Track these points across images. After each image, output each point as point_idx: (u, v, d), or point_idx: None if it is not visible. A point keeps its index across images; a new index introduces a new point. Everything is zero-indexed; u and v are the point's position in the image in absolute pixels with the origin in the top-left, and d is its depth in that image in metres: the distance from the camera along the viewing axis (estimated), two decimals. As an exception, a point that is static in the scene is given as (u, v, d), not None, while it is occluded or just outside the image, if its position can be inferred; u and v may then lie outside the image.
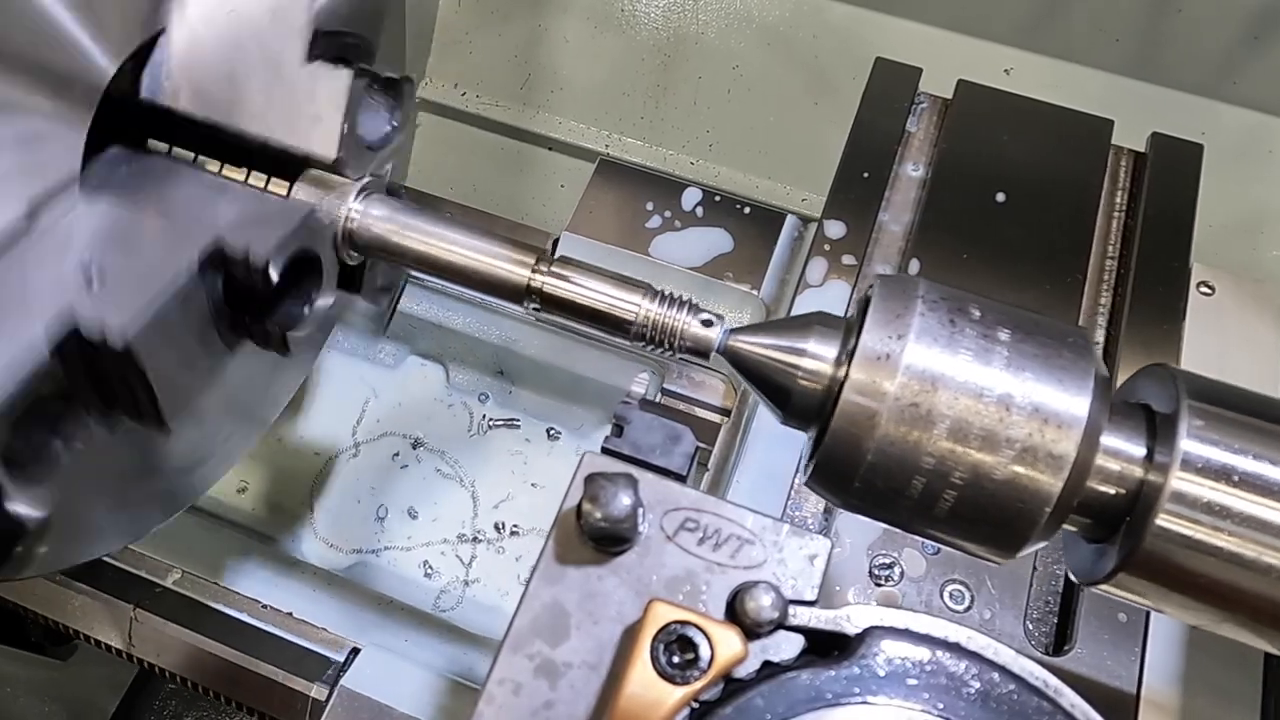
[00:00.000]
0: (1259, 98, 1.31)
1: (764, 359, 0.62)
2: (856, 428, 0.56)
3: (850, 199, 1.04)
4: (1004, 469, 0.55)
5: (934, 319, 0.57)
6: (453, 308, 1.32)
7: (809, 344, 0.60)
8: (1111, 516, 0.58)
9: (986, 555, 0.60)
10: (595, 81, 1.45)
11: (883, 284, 0.60)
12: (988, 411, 0.55)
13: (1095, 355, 0.58)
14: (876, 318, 0.58)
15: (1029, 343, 0.57)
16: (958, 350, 0.56)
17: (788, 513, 0.85)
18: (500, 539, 1.30)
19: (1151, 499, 0.56)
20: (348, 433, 1.35)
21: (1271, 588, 0.55)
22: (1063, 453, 0.55)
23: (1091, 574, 0.61)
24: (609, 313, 0.68)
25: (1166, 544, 0.56)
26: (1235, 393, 0.59)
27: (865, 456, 0.57)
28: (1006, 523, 0.57)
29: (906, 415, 0.56)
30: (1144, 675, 0.78)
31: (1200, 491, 0.55)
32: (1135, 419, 0.59)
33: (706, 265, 1.17)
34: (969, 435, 0.55)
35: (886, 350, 0.57)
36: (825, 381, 0.59)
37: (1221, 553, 0.55)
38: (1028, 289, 0.96)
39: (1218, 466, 0.55)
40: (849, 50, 1.39)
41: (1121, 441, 0.58)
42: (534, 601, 0.55)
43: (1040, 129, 1.06)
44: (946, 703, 0.51)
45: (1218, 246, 1.04)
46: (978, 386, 0.56)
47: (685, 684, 0.51)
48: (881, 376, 0.56)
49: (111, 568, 1.08)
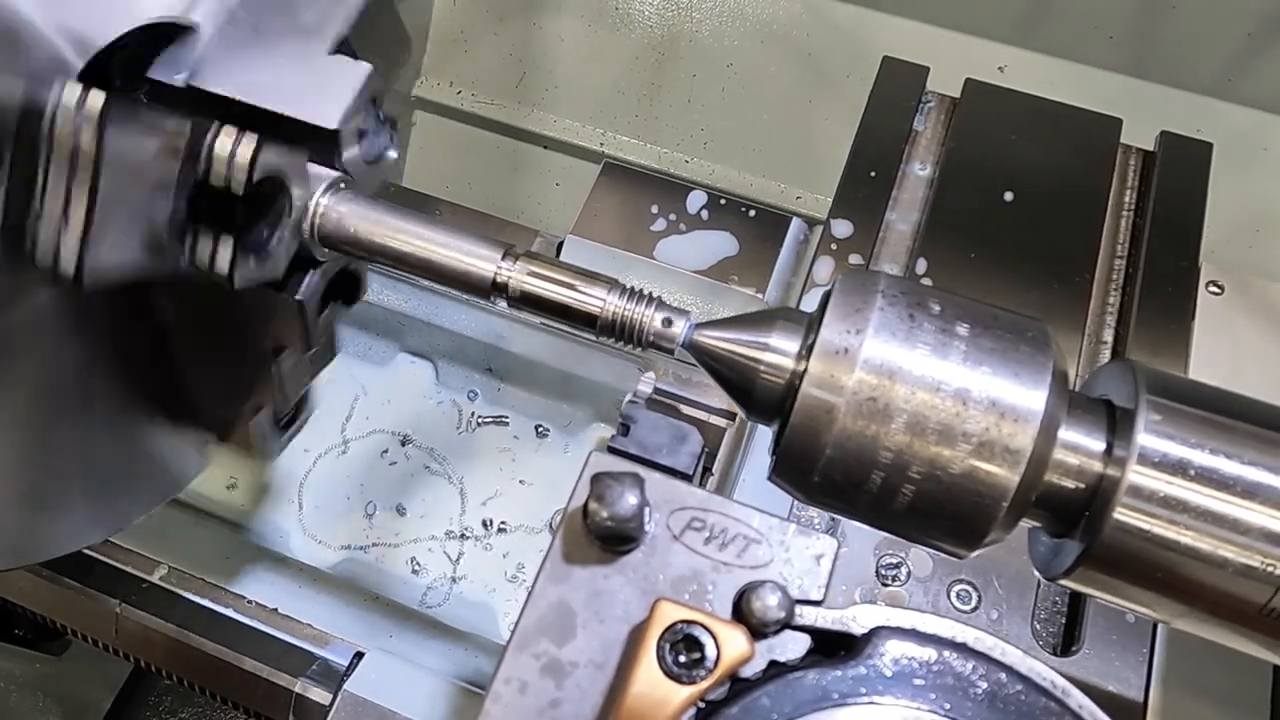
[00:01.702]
0: (1257, 96, 1.33)
1: (727, 353, 0.61)
2: (815, 422, 0.56)
3: (857, 198, 1.04)
4: (961, 463, 0.55)
5: (893, 313, 0.57)
6: (441, 305, 1.32)
7: (771, 338, 0.60)
8: (1071, 511, 0.58)
9: (947, 549, 0.60)
10: (591, 80, 1.45)
11: (844, 279, 0.60)
12: (945, 405, 0.55)
13: (1054, 349, 0.58)
14: (836, 312, 0.58)
15: (987, 337, 0.57)
16: (916, 344, 0.56)
17: (794, 512, 0.85)
18: (488, 536, 1.29)
19: (1109, 493, 0.56)
20: (336, 429, 1.34)
21: (1228, 581, 0.55)
22: (1019, 446, 0.55)
23: (1052, 568, 0.61)
24: (575, 308, 0.67)
25: (1125, 538, 0.56)
26: (1196, 388, 0.59)
27: (824, 450, 0.57)
28: (964, 517, 0.57)
29: (864, 409, 0.56)
30: (1152, 676, 0.79)
31: (1157, 486, 0.55)
32: (1095, 414, 0.59)
33: (711, 268, 1.17)
34: (926, 429, 0.55)
35: (845, 344, 0.56)
36: (786, 376, 0.59)
37: (1179, 546, 0.55)
38: (1036, 288, 0.96)
39: (1174, 461, 0.55)
40: (842, 48, 1.40)
41: (1080, 436, 0.58)
42: (540, 601, 0.55)
43: (1048, 128, 1.07)
44: (953, 703, 0.51)
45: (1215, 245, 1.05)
46: (935, 380, 0.56)
47: (691, 683, 0.51)
48: (840, 370, 0.56)
49: (98, 563, 1.07)
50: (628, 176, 1.25)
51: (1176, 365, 0.94)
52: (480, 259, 0.69)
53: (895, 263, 1.02)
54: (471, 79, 1.48)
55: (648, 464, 0.59)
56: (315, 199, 0.71)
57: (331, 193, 0.72)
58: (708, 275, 1.16)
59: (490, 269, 0.69)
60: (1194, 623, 0.59)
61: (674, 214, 1.21)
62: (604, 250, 1.17)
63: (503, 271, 0.69)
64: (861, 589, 0.83)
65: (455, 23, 1.48)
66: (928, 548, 0.61)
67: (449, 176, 1.46)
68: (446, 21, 1.49)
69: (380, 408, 1.35)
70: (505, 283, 0.69)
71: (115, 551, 1.08)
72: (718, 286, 1.16)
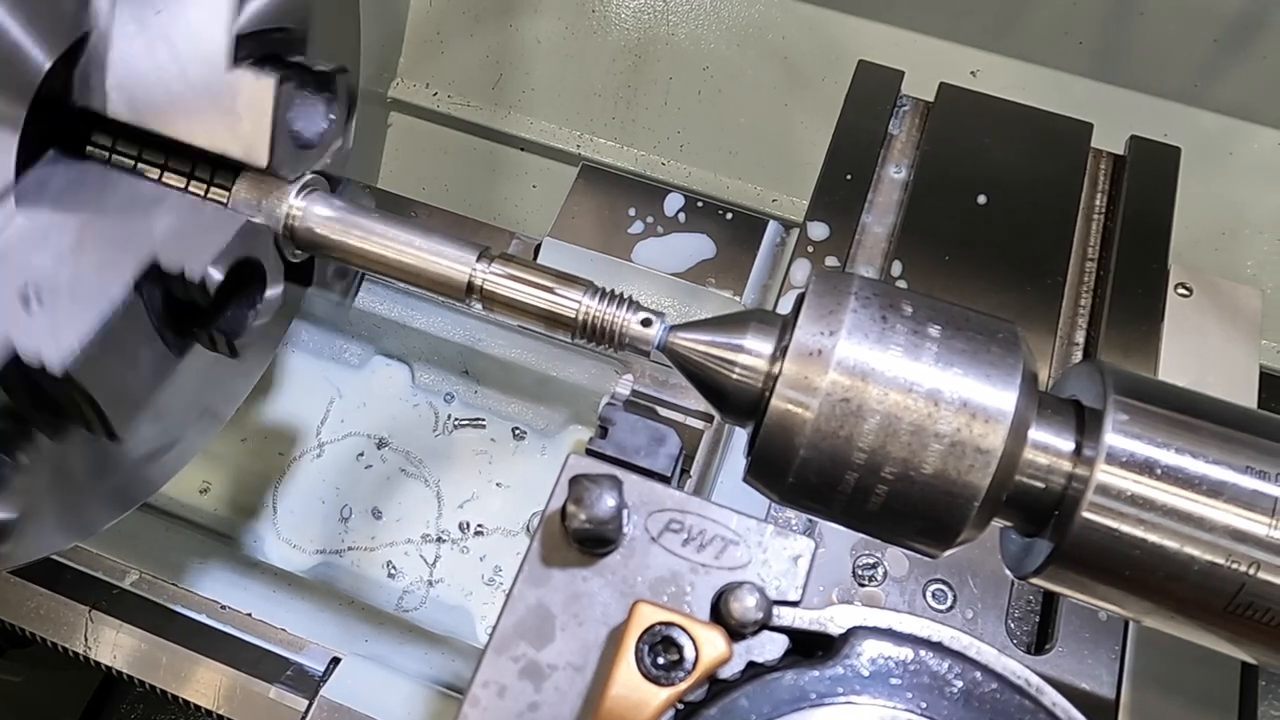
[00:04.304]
0: (1224, 101, 1.35)
1: (702, 356, 0.62)
2: (789, 423, 0.57)
3: (833, 201, 1.05)
4: (933, 463, 0.56)
5: (866, 315, 0.58)
6: (417, 307, 1.31)
7: (745, 340, 0.60)
8: (1041, 510, 0.59)
9: (921, 549, 0.61)
10: (567, 82, 1.45)
11: (817, 280, 0.61)
12: (917, 407, 0.56)
13: (1024, 350, 0.58)
14: (810, 314, 0.58)
15: (958, 338, 0.58)
16: (889, 346, 0.57)
17: (771, 514, 0.86)
18: (465, 539, 1.29)
19: (1078, 492, 0.57)
20: (312, 432, 1.33)
21: (1194, 578, 0.56)
22: (990, 447, 0.56)
23: (1024, 567, 0.62)
24: (550, 310, 0.67)
25: (1093, 536, 0.56)
26: (1163, 389, 0.60)
27: (798, 452, 0.57)
28: (937, 517, 0.57)
29: (838, 411, 0.56)
30: (1124, 674, 0.80)
31: (1124, 485, 0.56)
32: (1065, 414, 0.60)
33: (689, 271, 1.18)
34: (898, 430, 0.56)
35: (819, 346, 0.57)
36: (760, 378, 0.60)
37: (1146, 544, 0.56)
38: (1009, 291, 0.97)
39: (1141, 460, 0.56)
40: (818, 51, 1.40)
41: (1050, 436, 0.58)
42: (518, 604, 0.55)
43: (1021, 132, 1.08)
44: (930, 702, 0.51)
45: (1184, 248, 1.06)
46: (907, 382, 0.56)
47: (670, 685, 0.51)
48: (813, 372, 0.56)
49: (68, 569, 1.05)
50: (605, 179, 1.25)
51: (1146, 366, 0.95)
52: (455, 261, 0.69)
53: (871, 265, 1.02)
54: (448, 81, 1.47)
55: (626, 466, 0.59)
56: (289, 201, 0.71)
57: (305, 194, 0.72)
58: (685, 278, 1.17)
59: (465, 271, 0.69)
60: (1163, 619, 0.59)
61: (651, 216, 1.21)
62: (582, 253, 1.17)
63: (478, 274, 0.69)
64: (839, 589, 0.84)
65: (431, 24, 1.48)
66: (902, 548, 0.62)
67: (425, 178, 1.45)
68: (422, 23, 1.48)
69: (356, 411, 1.35)
70: (480, 285, 0.69)
71: (85, 557, 1.07)
72: (695, 289, 1.16)
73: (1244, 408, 0.61)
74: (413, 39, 1.48)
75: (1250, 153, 1.36)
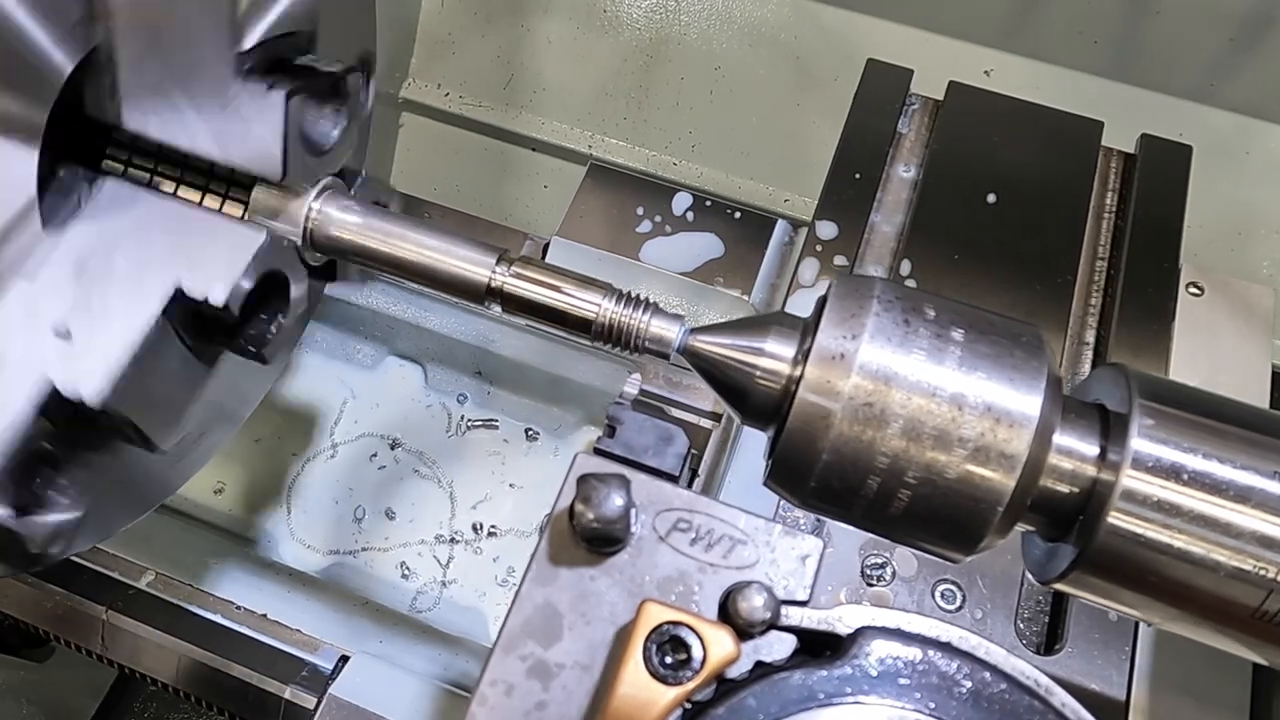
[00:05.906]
0: (1237, 100, 1.34)
1: (722, 359, 0.61)
2: (811, 427, 0.57)
3: (842, 200, 1.05)
4: (957, 468, 0.56)
5: (889, 319, 0.57)
6: (430, 308, 1.32)
7: (767, 343, 0.60)
8: (1065, 515, 0.59)
9: (943, 553, 0.61)
10: (578, 83, 1.46)
11: (839, 284, 0.60)
12: (940, 411, 0.56)
13: (1048, 354, 0.58)
14: (832, 317, 0.58)
15: (982, 342, 0.57)
16: (911, 350, 0.57)
17: (780, 513, 0.85)
18: (478, 540, 1.29)
19: (1103, 497, 0.56)
20: (325, 434, 1.34)
21: (1219, 584, 0.55)
22: (1015, 452, 0.55)
23: (1047, 572, 0.62)
24: (570, 312, 0.67)
25: (1119, 542, 0.56)
26: (1187, 392, 0.60)
27: (820, 456, 0.57)
28: (960, 522, 0.57)
29: (860, 415, 0.56)
30: (1134, 675, 0.79)
31: (1151, 490, 0.55)
32: (1089, 418, 0.59)
33: (697, 270, 1.18)
34: (922, 435, 0.56)
35: (841, 350, 0.57)
36: (782, 381, 0.59)
37: (1172, 550, 0.55)
38: (1019, 290, 0.96)
39: (1168, 465, 0.56)
40: (830, 51, 1.40)
41: (1074, 440, 0.58)
42: (526, 603, 0.55)
43: (1031, 130, 1.08)
44: (938, 702, 0.51)
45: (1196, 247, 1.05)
46: (931, 386, 0.56)
47: (678, 684, 0.51)
48: (836, 376, 0.56)
49: (85, 569, 1.06)
50: (613, 178, 1.25)
51: (1158, 366, 0.95)
52: (475, 264, 0.69)
53: (880, 264, 1.02)
54: (459, 81, 1.48)
55: (634, 465, 0.59)
56: (306, 207, 0.71)
57: (325, 197, 0.72)
58: (693, 277, 1.17)
59: (485, 274, 0.69)
60: (1187, 626, 0.59)
61: (659, 216, 1.21)
62: (590, 252, 1.18)
63: (497, 277, 0.69)
64: (847, 589, 0.84)
65: (443, 25, 1.48)
66: (923, 552, 0.61)
67: (437, 179, 1.46)
68: (434, 23, 1.49)
69: (369, 411, 1.35)
70: (500, 288, 0.69)
71: (102, 557, 1.08)
72: (703, 288, 1.16)
73: (1270, 412, 0.60)
74: (424, 39, 1.49)
75: (1266, 152, 1.35)
